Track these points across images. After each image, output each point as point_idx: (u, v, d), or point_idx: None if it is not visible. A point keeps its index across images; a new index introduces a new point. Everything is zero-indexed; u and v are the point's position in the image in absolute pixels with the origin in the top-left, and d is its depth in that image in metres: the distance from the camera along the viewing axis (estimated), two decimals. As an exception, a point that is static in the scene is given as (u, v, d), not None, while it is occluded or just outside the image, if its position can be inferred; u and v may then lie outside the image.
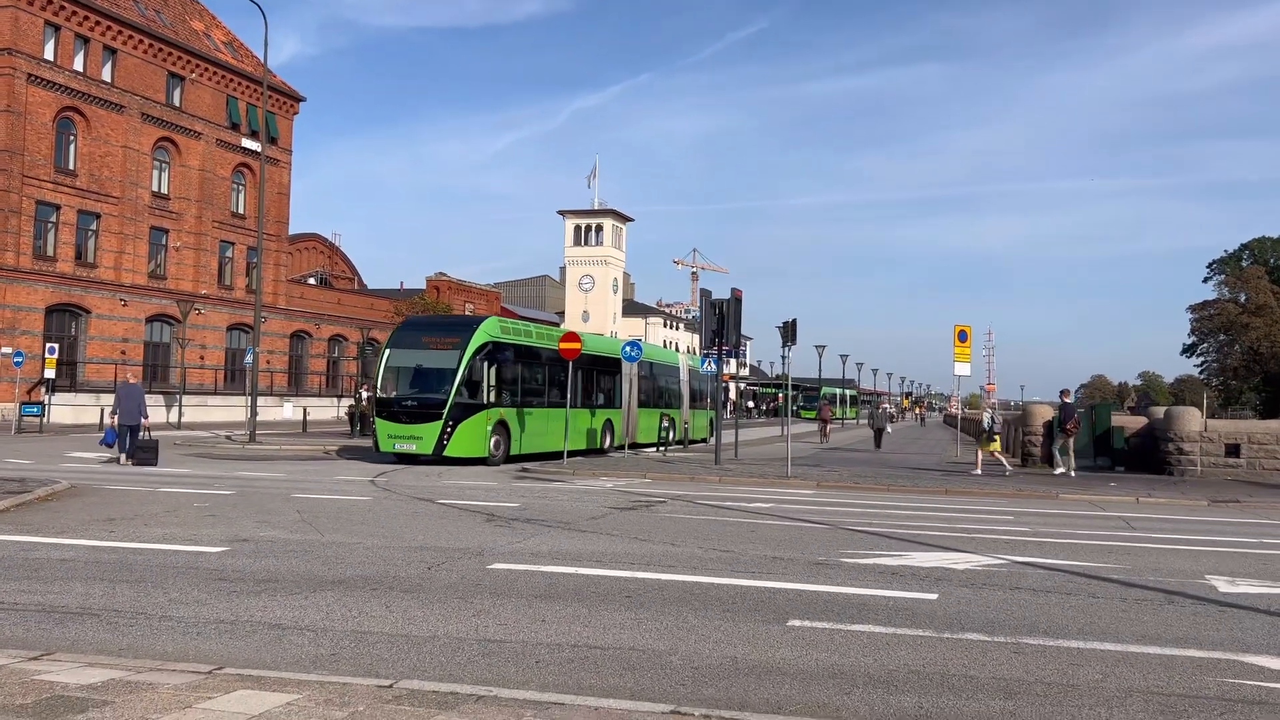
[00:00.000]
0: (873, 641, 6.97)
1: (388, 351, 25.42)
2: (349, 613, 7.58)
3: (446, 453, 23.41)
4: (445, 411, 23.39)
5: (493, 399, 24.50)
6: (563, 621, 7.40)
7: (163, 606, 7.70)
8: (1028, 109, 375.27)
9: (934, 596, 8.56)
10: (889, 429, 39.28)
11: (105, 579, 8.72)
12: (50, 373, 37.88)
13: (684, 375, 37.39)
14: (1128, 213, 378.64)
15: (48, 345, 39.09)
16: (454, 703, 5.12)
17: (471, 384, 23.91)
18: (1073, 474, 23.85)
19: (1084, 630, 7.41)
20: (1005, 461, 25.91)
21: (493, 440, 24.38)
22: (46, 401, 37.60)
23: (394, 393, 24.45)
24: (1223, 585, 9.40)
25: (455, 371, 23.62)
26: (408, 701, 5.13)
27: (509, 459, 24.99)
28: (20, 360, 37.71)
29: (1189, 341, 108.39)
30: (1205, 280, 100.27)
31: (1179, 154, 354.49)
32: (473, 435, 23.78)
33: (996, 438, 26.47)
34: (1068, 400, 25.97)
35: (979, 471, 24.58)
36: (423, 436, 23.49)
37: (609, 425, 30.76)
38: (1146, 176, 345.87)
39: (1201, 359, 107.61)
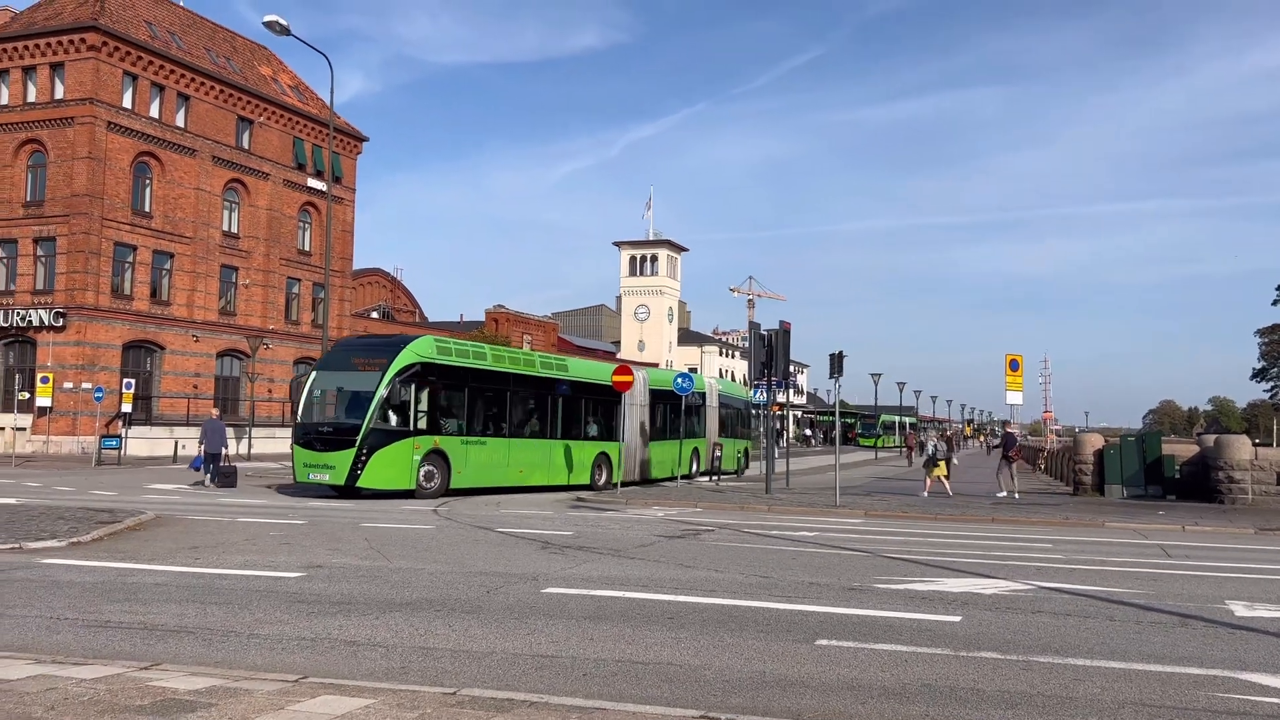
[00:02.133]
0: (893, 659, 7.57)
1: (314, 374, 24.05)
2: (416, 631, 8.36)
3: (360, 484, 21.82)
4: (359, 439, 21.70)
5: (423, 426, 22.83)
6: (609, 640, 8.10)
7: (249, 625, 8.54)
8: (1086, 130, 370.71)
9: (958, 619, 9.12)
10: (955, 460, 38.67)
11: (196, 601, 9.60)
12: (127, 407, 39.63)
13: (712, 402, 35.99)
14: (1191, 234, 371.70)
15: (125, 380, 40.87)
16: (510, 707, 5.84)
17: (393, 409, 22.26)
18: (1016, 496, 26.60)
19: (1093, 650, 7.93)
20: (947, 486, 28.12)
21: (422, 471, 22.64)
22: (124, 435, 39.27)
23: (313, 418, 23.05)
24: (1240, 610, 9.82)
25: (373, 395, 21.91)
26: (469, 706, 5.86)
27: (450, 493, 23.36)
28: (100, 395, 39.53)
29: (1259, 366, 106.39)
30: (1275, 303, 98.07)
31: (1243, 174, 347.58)
32: (392, 465, 22.12)
33: (940, 463, 28.46)
34: (1010, 430, 32.20)
35: (926, 494, 27.10)
36: (335, 465, 22.00)
37: (603, 459, 28.70)
38: (1210, 198, 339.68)
39: (1272, 384, 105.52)
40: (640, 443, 30.53)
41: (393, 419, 22.32)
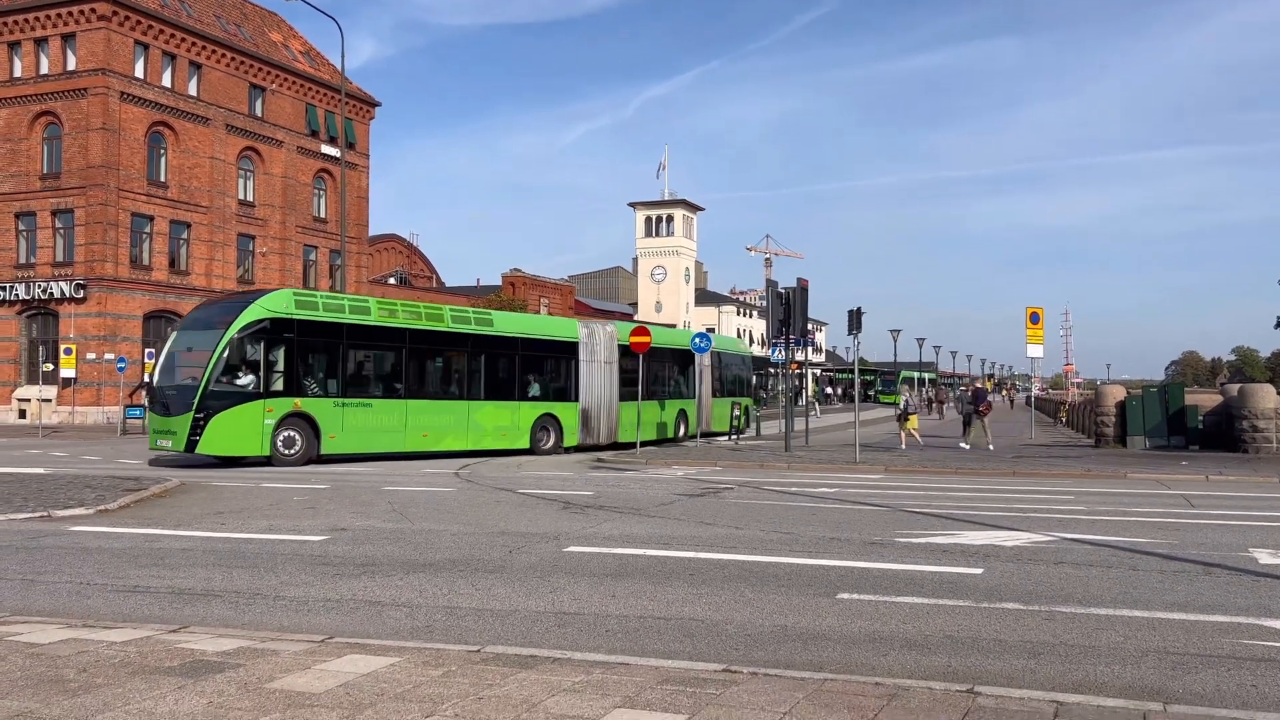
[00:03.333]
0: (914, 611, 7.59)
1: (172, 335, 22.92)
2: (439, 591, 8.43)
3: (200, 449, 20.58)
4: (195, 401, 20.41)
5: (279, 387, 21.40)
6: (630, 597, 8.15)
7: (275, 588, 8.63)
8: (1107, 79, 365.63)
9: (979, 571, 9.13)
10: (946, 414, 38.39)
11: (223, 565, 9.71)
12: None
13: (703, 360, 33.21)
14: (1215, 182, 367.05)
15: (146, 350, 41.20)
16: (533, 663, 5.89)
17: (238, 368, 20.99)
18: (990, 447, 27.56)
19: (1116, 599, 7.92)
20: (918, 437, 29.43)
21: (280, 436, 21.27)
22: (146, 404, 39.57)
23: (160, 381, 21.89)
24: (1265, 558, 9.78)
25: (212, 353, 20.66)
26: (493, 663, 5.91)
27: (322, 460, 22.02)
28: (123, 366, 39.86)
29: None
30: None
31: (1269, 119, 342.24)
32: (237, 429, 20.80)
33: (911, 416, 29.41)
34: (979, 386, 33.70)
35: (903, 448, 27.57)
36: (176, 431, 20.75)
37: (550, 421, 26.82)
38: (1234, 143, 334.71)
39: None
40: (605, 403, 28.47)
41: (240, 379, 21.10)
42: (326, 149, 55.55)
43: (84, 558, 10.14)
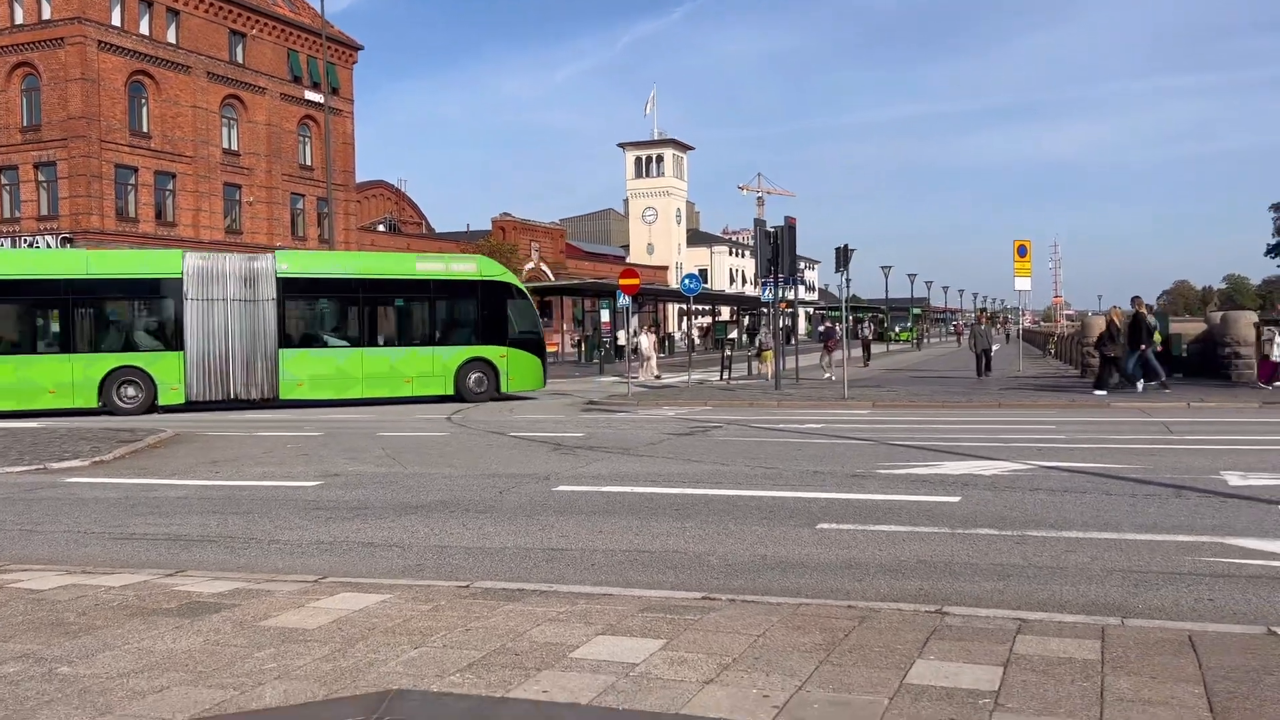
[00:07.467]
0: (890, 539, 7.82)
1: None
2: (431, 531, 8.64)
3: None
4: None
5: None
6: (617, 532, 8.37)
7: (269, 532, 8.84)
8: (1101, 6, 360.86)
9: (957, 499, 9.36)
10: (995, 349, 36.86)
11: (217, 512, 9.91)
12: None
13: (482, 296, 25.41)
14: (1211, 110, 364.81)
15: (137, 303, 41.11)
16: (520, 597, 6.10)
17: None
18: (831, 378, 29.31)
19: (1087, 523, 8.16)
20: (768, 372, 29.96)
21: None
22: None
23: None
24: (1234, 479, 10.03)
25: None
26: (482, 596, 6.12)
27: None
28: (113, 319, 39.80)
29: (1274, 241, 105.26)
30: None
31: (1260, 46, 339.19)
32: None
33: (766, 352, 30.66)
34: (829, 325, 35.70)
35: (768, 379, 28.91)
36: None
37: (134, 373, 22.48)
38: (1234, 69, 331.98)
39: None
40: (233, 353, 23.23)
41: None
42: (310, 95, 54.97)
43: (81, 508, 10.33)
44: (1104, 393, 21.62)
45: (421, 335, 25.16)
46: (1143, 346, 21.82)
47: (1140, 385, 21.79)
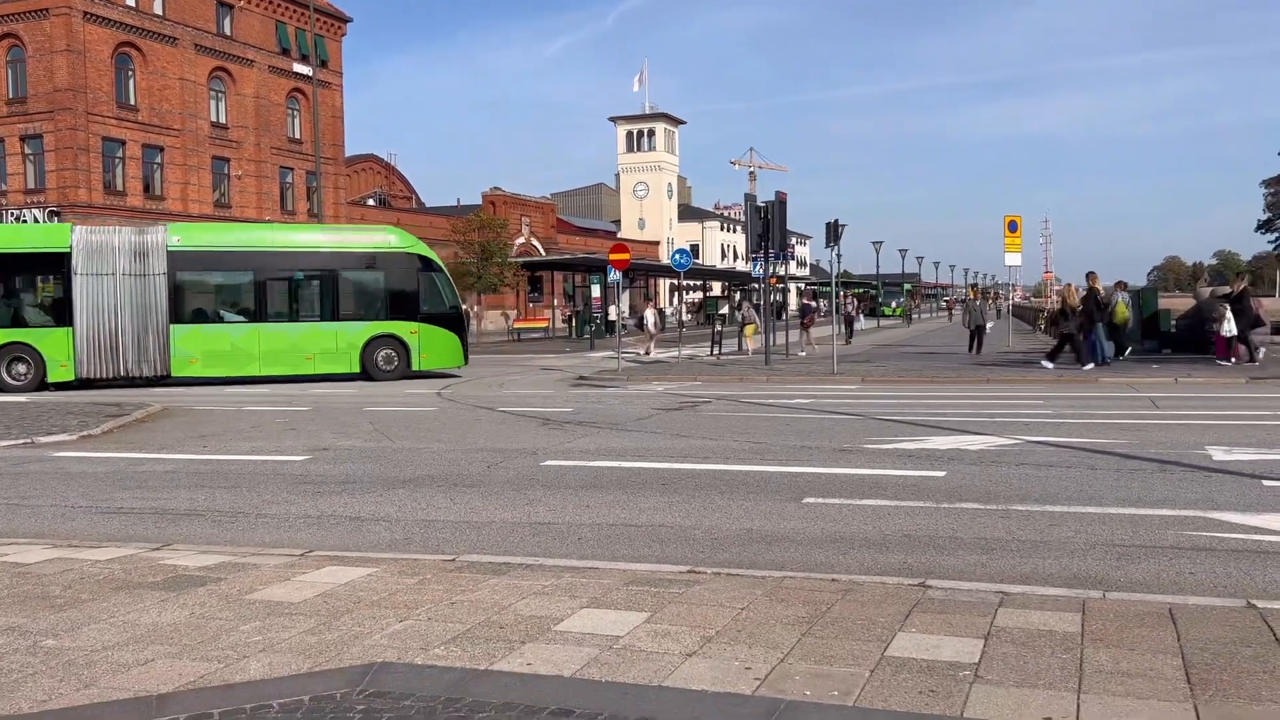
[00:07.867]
0: (876, 513, 7.85)
1: None
2: (418, 506, 8.66)
3: None
4: None
5: None
6: (604, 506, 8.39)
7: (257, 506, 8.84)
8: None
9: (942, 474, 9.40)
10: (989, 326, 36.27)
11: (205, 486, 9.91)
12: None
13: (396, 270, 24.59)
14: (1203, 84, 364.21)
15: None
16: (506, 570, 6.12)
17: None
18: (802, 354, 30.70)
19: (1071, 497, 8.21)
20: (749, 348, 30.99)
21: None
22: None
23: None
24: (1219, 454, 10.08)
25: None
26: (468, 570, 6.14)
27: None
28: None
29: (1264, 218, 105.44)
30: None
31: (1251, 20, 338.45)
32: None
33: (749, 325, 31.47)
34: (807, 302, 38.81)
35: (750, 353, 30.05)
36: None
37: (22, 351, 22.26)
38: (1227, 44, 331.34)
39: (1277, 236, 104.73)
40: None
41: None
42: (298, 68, 54.52)
43: (68, 482, 10.32)
44: (1050, 365, 22.20)
45: (323, 310, 24.39)
46: (1096, 323, 21.88)
47: (1089, 366, 21.71)
